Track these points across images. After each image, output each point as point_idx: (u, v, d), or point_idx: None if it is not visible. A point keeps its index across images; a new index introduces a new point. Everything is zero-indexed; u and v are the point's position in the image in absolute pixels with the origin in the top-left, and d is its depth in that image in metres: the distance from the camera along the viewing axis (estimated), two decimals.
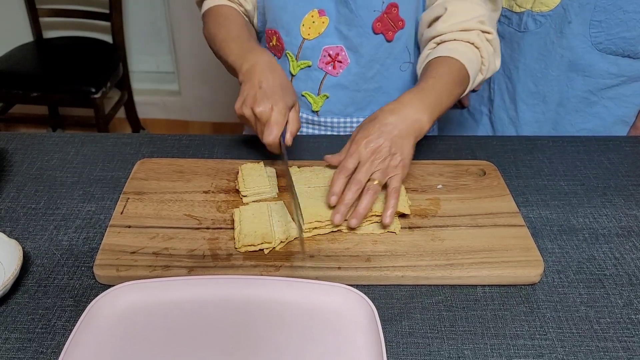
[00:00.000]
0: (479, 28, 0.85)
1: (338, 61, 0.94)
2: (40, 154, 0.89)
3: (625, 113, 1.05)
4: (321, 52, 0.93)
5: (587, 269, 0.69)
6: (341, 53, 0.93)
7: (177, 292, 0.62)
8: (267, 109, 0.75)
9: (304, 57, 0.95)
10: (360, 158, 0.71)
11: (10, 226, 0.75)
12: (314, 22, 0.91)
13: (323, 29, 0.91)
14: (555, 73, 1.02)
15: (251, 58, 0.81)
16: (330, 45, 0.93)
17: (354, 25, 0.90)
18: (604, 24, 0.95)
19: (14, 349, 0.59)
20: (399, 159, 0.72)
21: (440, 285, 0.67)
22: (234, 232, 0.70)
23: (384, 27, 0.89)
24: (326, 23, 0.91)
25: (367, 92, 0.97)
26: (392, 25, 0.90)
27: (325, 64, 0.94)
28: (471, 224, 0.73)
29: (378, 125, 0.73)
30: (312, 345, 0.58)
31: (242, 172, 0.80)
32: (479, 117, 1.17)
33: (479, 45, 0.85)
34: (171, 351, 0.57)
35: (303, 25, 0.91)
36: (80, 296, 0.65)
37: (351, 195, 0.70)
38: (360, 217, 0.70)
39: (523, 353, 0.59)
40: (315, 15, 0.91)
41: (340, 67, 0.94)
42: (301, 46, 0.93)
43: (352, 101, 0.98)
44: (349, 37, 0.91)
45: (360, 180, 0.70)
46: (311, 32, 0.92)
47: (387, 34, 0.90)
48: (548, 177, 0.86)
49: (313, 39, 0.92)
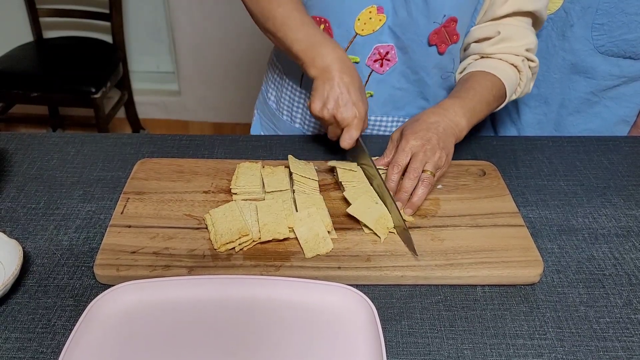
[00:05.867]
0: (526, 56, 0.88)
1: (386, 59, 0.92)
2: (40, 154, 0.89)
3: (627, 113, 1.05)
4: (372, 49, 0.90)
5: (586, 269, 0.69)
6: (391, 52, 0.91)
7: (177, 291, 0.63)
8: (351, 116, 0.77)
9: (353, 52, 0.91)
10: (412, 150, 0.75)
11: (10, 226, 0.75)
12: (370, 19, 0.87)
13: (378, 26, 0.88)
14: (557, 75, 1.02)
15: (325, 54, 0.79)
16: (383, 43, 0.90)
17: (410, 32, 0.87)
18: (606, 26, 0.95)
19: (14, 348, 0.59)
20: (445, 154, 0.76)
21: (440, 285, 0.67)
22: (209, 235, 0.71)
23: (439, 39, 0.88)
24: (383, 21, 0.87)
25: (406, 92, 0.96)
26: (447, 39, 0.88)
27: (374, 61, 0.92)
28: (471, 224, 0.73)
29: (423, 123, 0.77)
30: (312, 345, 0.58)
31: (237, 170, 0.81)
32: None
33: (521, 70, 0.88)
34: (171, 351, 0.57)
35: (358, 19, 0.87)
36: (80, 296, 0.65)
37: (410, 183, 0.74)
38: (415, 207, 0.74)
39: (522, 353, 0.59)
40: (373, 12, 0.87)
41: (388, 65, 0.92)
42: (352, 41, 0.90)
43: (391, 99, 0.97)
44: (402, 40, 0.89)
45: (416, 168, 0.74)
46: (366, 28, 0.88)
47: (440, 46, 0.88)
48: (548, 177, 0.86)
49: (366, 35, 0.89)
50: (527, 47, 0.88)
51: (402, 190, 0.74)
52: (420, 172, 0.74)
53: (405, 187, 0.74)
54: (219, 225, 0.70)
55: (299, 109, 1.03)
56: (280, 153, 0.91)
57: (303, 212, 0.72)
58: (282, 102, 1.05)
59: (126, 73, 2.35)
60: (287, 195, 0.76)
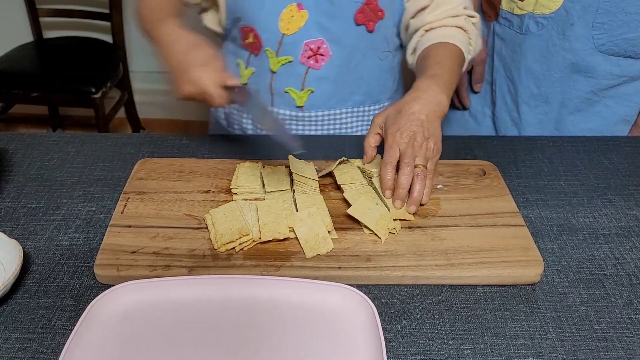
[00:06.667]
0: (465, 13, 0.90)
1: (320, 54, 0.93)
2: (40, 154, 0.89)
3: (627, 112, 1.05)
4: (302, 46, 0.92)
5: (587, 269, 0.69)
6: (322, 46, 0.92)
7: (177, 291, 0.62)
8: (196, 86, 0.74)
9: (285, 53, 0.93)
10: (400, 147, 0.75)
11: (10, 226, 0.75)
12: (292, 17, 0.89)
13: (302, 23, 0.90)
14: (558, 75, 1.02)
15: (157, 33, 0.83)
16: (311, 39, 0.91)
17: (336, 17, 0.89)
18: (607, 25, 0.95)
19: (15, 348, 0.59)
20: (433, 143, 0.75)
21: (440, 285, 0.67)
22: (210, 235, 0.71)
23: (365, 17, 0.90)
24: (305, 17, 0.89)
25: (349, 82, 0.97)
26: (373, 16, 0.90)
27: (307, 58, 0.93)
28: (471, 223, 0.73)
29: (405, 114, 0.76)
30: (312, 345, 0.58)
31: (237, 170, 0.81)
32: (482, 119, 1.17)
33: (467, 29, 0.90)
34: (171, 351, 0.57)
35: (281, 20, 0.90)
36: (80, 296, 0.65)
37: (406, 179, 0.74)
38: (417, 202, 0.74)
39: (523, 353, 0.59)
40: (294, 10, 0.89)
41: (322, 60, 0.93)
42: (281, 42, 0.92)
43: (335, 93, 0.98)
44: (330, 29, 0.91)
45: (409, 163, 0.74)
46: (290, 27, 0.90)
47: (368, 24, 0.90)
48: (548, 177, 0.86)
49: (293, 33, 0.91)
50: (465, 5, 0.91)
51: (399, 187, 0.74)
52: (412, 167, 0.74)
53: (401, 183, 0.74)
54: (219, 225, 0.70)
55: (249, 122, 1.04)
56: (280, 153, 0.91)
57: (303, 212, 0.72)
58: (232, 118, 1.06)
59: (126, 73, 2.35)
60: (288, 195, 0.76)
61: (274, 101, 0.99)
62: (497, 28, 1.07)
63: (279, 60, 0.94)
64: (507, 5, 1.04)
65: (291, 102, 0.98)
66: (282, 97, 0.98)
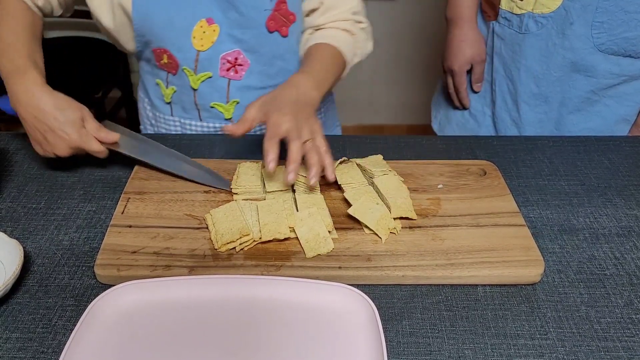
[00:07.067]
0: (353, 19, 0.94)
1: (238, 64, 0.92)
2: None
3: (627, 111, 1.05)
4: (219, 60, 0.92)
5: (587, 269, 0.69)
6: (239, 56, 0.92)
7: (178, 291, 0.62)
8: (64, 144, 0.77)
9: (203, 69, 0.92)
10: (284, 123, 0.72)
11: (11, 226, 0.75)
12: (204, 32, 0.88)
13: (215, 37, 0.89)
14: (558, 74, 1.02)
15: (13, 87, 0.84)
16: (227, 51, 0.91)
17: (248, 28, 0.89)
18: (606, 25, 0.95)
19: (15, 348, 0.59)
20: (312, 120, 0.75)
21: (441, 285, 0.67)
22: (210, 235, 0.71)
23: (277, 24, 0.89)
24: (217, 31, 0.89)
25: (273, 87, 0.95)
26: (285, 21, 0.90)
27: (227, 70, 0.93)
28: (472, 223, 0.73)
29: (282, 98, 0.76)
30: (313, 345, 0.58)
31: (238, 169, 0.81)
32: (481, 119, 1.17)
33: (353, 32, 0.93)
34: (172, 351, 0.57)
35: (194, 37, 0.89)
36: (81, 296, 0.65)
37: (296, 151, 0.71)
38: (317, 174, 0.72)
39: (524, 353, 0.59)
40: (204, 25, 0.88)
41: (242, 69, 0.93)
42: (197, 59, 0.91)
43: None
44: (244, 39, 0.90)
45: (300, 136, 0.72)
46: (204, 42, 0.89)
47: (281, 30, 0.91)
48: (548, 177, 0.86)
49: (208, 49, 0.90)
50: (353, 11, 0.93)
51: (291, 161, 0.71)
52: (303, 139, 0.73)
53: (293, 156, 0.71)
54: (220, 225, 0.70)
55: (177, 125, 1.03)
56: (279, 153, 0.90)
57: (304, 211, 0.72)
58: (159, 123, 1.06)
59: (126, 73, 2.35)
60: (288, 195, 0.76)
61: (202, 115, 0.99)
62: (497, 28, 1.07)
63: (198, 77, 0.93)
64: (507, 4, 1.03)
65: (219, 115, 0.98)
66: (209, 111, 0.98)
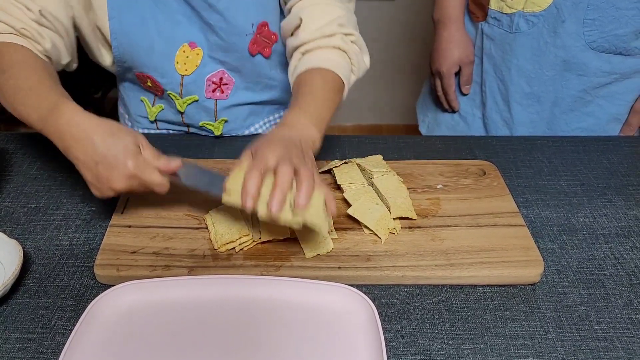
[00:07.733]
0: (341, 31, 0.81)
1: (224, 84, 0.91)
2: (40, 154, 0.89)
3: (619, 111, 1.05)
4: (205, 82, 0.90)
5: (587, 269, 0.69)
6: (224, 75, 0.90)
7: (177, 291, 0.62)
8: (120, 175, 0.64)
9: (188, 93, 0.90)
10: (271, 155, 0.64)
11: (10, 226, 0.75)
12: (188, 57, 0.87)
13: (199, 60, 0.87)
14: (550, 73, 1.02)
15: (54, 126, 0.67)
16: (211, 72, 0.89)
17: (230, 51, 0.87)
18: (597, 22, 0.95)
19: (15, 348, 0.59)
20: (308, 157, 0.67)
21: (441, 285, 0.67)
22: (210, 235, 0.70)
23: (259, 47, 0.87)
24: (200, 54, 0.87)
25: (260, 101, 0.96)
26: (267, 42, 0.88)
27: (212, 92, 0.91)
28: (471, 223, 0.73)
29: (276, 136, 0.68)
30: (312, 345, 0.58)
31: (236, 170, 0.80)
32: (471, 120, 1.15)
33: (345, 49, 0.81)
34: (171, 351, 0.57)
35: (177, 62, 0.87)
36: (80, 296, 0.65)
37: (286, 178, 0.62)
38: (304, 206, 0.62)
39: (523, 353, 0.59)
40: (187, 50, 0.86)
41: (227, 88, 0.92)
42: (182, 83, 0.89)
43: (250, 113, 0.97)
44: (227, 61, 0.89)
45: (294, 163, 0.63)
46: (188, 67, 0.87)
47: (264, 51, 0.88)
48: (548, 177, 0.86)
49: (192, 73, 0.88)
50: (339, 22, 0.80)
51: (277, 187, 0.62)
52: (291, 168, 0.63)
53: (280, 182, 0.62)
54: (219, 225, 0.70)
55: None
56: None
57: None
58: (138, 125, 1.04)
59: None
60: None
61: (190, 130, 0.98)
62: (486, 28, 1.05)
63: (184, 100, 0.92)
64: (496, 4, 1.02)
65: (210, 132, 0.97)
66: (198, 129, 0.97)
